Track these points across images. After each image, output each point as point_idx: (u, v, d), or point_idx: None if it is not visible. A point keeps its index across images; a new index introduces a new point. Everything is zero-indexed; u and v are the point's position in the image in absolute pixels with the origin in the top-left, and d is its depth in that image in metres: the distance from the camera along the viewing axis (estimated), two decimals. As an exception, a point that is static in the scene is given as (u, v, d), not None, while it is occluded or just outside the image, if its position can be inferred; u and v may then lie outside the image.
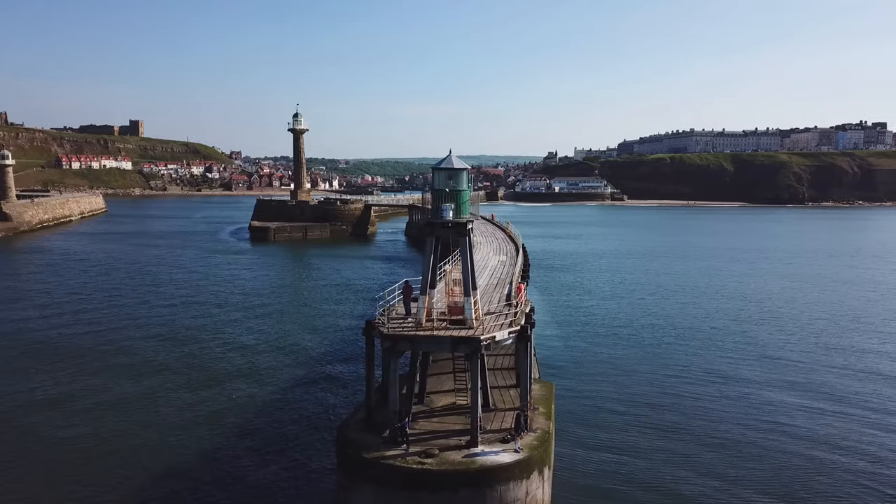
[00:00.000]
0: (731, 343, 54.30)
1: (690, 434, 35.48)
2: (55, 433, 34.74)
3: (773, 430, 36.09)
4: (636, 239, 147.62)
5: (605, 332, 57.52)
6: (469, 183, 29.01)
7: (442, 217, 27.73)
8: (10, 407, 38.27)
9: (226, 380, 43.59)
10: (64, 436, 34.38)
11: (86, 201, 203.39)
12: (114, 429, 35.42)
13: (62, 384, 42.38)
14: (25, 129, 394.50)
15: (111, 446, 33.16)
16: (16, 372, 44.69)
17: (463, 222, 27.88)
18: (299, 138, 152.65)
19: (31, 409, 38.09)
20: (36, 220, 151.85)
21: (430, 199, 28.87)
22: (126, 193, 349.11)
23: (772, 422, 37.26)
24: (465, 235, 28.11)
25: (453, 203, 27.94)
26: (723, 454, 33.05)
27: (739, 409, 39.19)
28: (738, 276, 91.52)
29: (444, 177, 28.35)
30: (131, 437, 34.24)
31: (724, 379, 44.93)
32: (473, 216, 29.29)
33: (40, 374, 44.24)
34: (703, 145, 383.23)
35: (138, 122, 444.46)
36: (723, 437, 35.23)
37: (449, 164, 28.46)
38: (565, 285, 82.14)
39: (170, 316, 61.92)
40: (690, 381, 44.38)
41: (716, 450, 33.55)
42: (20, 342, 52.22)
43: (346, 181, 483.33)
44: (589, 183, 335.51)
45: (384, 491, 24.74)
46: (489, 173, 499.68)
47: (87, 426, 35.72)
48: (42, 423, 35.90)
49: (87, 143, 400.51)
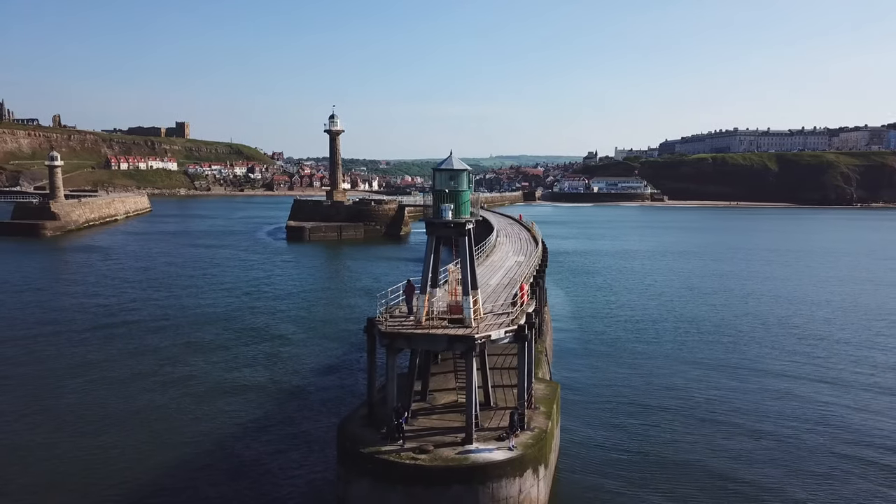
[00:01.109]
0: (756, 349, 52.86)
1: (704, 441, 34.44)
2: (57, 430, 36.21)
3: (787, 439, 35.23)
4: (672, 240, 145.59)
5: (627, 334, 57.11)
6: (470, 184, 29.30)
7: (441, 217, 28.14)
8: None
9: (242, 370, 44.76)
10: (64, 431, 35.77)
11: (131, 201, 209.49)
12: (120, 422, 36.71)
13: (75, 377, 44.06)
14: (77, 131, 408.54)
15: (115, 439, 34.39)
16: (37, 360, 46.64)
17: (462, 222, 28.27)
18: (335, 139, 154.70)
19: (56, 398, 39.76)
20: (83, 219, 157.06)
21: (432, 199, 29.19)
22: (171, 193, 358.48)
23: (786, 432, 36.03)
24: (465, 235, 28.48)
25: (453, 203, 28.28)
26: (736, 463, 32.04)
27: (756, 418, 37.99)
28: (774, 279, 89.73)
29: (446, 177, 28.74)
30: (137, 431, 35.44)
31: (744, 386, 43.69)
32: (474, 215, 29.49)
33: (60, 358, 46.09)
34: (746, 145, 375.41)
35: (184, 124, 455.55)
36: (736, 445, 34.08)
37: (449, 164, 28.83)
38: (594, 286, 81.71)
39: (195, 311, 63.62)
40: (709, 387, 43.38)
41: (728, 458, 32.53)
42: (50, 335, 54.36)
43: (385, 182, 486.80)
44: (628, 183, 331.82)
45: (380, 485, 25.29)
46: (528, 173, 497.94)
47: (89, 420, 37.10)
48: (61, 413, 37.46)
49: (135, 145, 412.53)
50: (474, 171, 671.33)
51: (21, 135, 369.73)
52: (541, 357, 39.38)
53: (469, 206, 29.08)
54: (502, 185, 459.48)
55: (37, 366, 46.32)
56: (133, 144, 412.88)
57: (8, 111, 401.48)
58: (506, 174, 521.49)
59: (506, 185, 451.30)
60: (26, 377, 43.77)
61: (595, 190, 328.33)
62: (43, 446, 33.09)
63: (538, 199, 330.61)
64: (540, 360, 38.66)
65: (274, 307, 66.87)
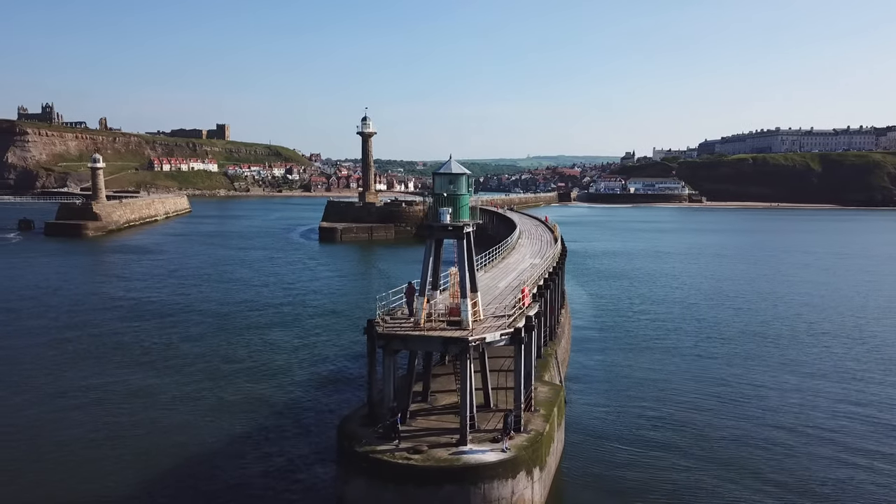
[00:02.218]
0: (781, 358, 51.16)
1: (714, 457, 33.18)
2: (61, 426, 37.55)
3: (807, 455, 34.02)
4: (706, 242, 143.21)
5: (649, 340, 56.37)
6: (469, 188, 29.60)
7: (440, 220, 28.53)
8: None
9: (255, 369, 45.77)
10: (70, 428, 37.08)
11: (171, 202, 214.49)
12: (131, 416, 37.91)
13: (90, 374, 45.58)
14: (122, 133, 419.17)
15: (115, 434, 35.55)
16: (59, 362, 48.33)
17: (460, 225, 28.61)
18: (367, 141, 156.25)
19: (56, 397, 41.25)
20: (123, 219, 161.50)
21: (431, 203, 29.56)
22: (212, 194, 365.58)
23: (808, 448, 34.72)
24: (463, 238, 28.81)
25: (451, 207, 28.63)
26: (746, 484, 31.15)
27: (773, 429, 36.95)
28: (808, 283, 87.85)
29: (445, 181, 29.10)
30: (146, 426, 36.59)
31: (765, 398, 41.98)
32: (473, 219, 29.79)
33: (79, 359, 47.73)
34: (788, 145, 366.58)
35: (224, 126, 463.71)
36: (751, 461, 32.76)
37: (448, 168, 29.20)
38: (620, 289, 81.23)
39: (217, 311, 65.12)
40: (726, 397, 41.98)
41: (737, 474, 31.83)
42: (75, 331, 56.28)
43: (421, 183, 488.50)
44: (666, 184, 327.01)
45: (374, 483, 25.79)
46: (564, 174, 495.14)
47: (95, 412, 38.40)
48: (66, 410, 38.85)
49: (177, 147, 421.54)
50: (510, 171, 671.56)
51: (69, 137, 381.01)
52: (549, 360, 39.51)
53: (468, 210, 29.40)
54: (538, 186, 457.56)
55: (52, 361, 48.08)
56: (175, 146, 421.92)
57: (57, 115, 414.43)
58: (542, 175, 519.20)
59: (541, 186, 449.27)
60: (34, 369, 45.50)
61: (631, 191, 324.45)
62: (55, 436, 34.46)
63: (574, 199, 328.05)
64: (547, 363, 38.81)
65: (296, 308, 68.01)
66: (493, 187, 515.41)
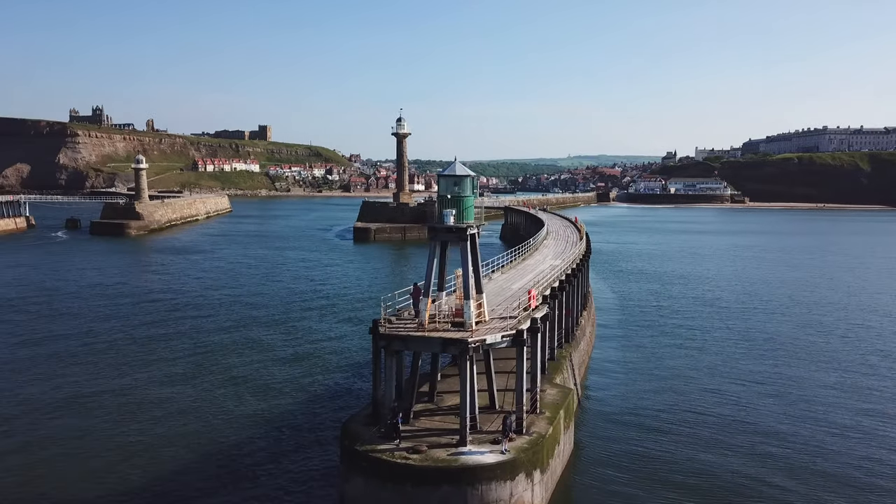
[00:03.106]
0: (808, 367, 49.38)
1: (726, 464, 32.32)
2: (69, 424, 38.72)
3: (832, 474, 32.95)
4: (746, 243, 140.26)
5: (673, 345, 55.12)
6: (474, 189, 29.70)
7: (443, 222, 28.69)
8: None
9: (274, 366, 46.57)
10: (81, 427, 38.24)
11: (212, 202, 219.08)
12: (130, 415, 38.93)
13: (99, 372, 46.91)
14: (168, 134, 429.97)
15: (120, 431, 36.53)
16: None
17: (463, 227, 28.72)
18: (402, 142, 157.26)
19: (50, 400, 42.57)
20: (165, 219, 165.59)
21: (437, 204, 29.72)
22: (253, 194, 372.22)
23: (831, 466, 33.46)
24: (466, 240, 28.91)
25: (455, 209, 28.76)
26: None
27: (794, 448, 35.49)
28: (849, 288, 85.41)
29: (450, 183, 29.26)
30: (151, 423, 37.54)
31: (791, 410, 39.89)
32: (478, 223, 29.86)
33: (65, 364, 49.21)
34: (836, 144, 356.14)
35: (266, 127, 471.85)
36: (766, 479, 31.41)
37: (452, 171, 29.35)
38: (649, 291, 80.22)
39: (242, 309, 66.33)
40: (744, 407, 40.18)
41: (746, 485, 31.20)
42: (98, 325, 58.02)
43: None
44: (707, 184, 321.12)
45: (373, 482, 26.06)
46: (605, 174, 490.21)
47: (95, 411, 39.51)
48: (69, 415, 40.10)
49: (220, 148, 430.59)
50: (550, 171, 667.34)
51: (117, 139, 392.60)
52: (563, 362, 39.31)
53: (472, 212, 29.48)
54: (577, 186, 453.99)
55: (73, 354, 49.68)
56: (219, 147, 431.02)
57: (107, 117, 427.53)
58: (581, 174, 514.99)
59: (581, 186, 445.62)
60: (45, 362, 47.06)
61: (672, 191, 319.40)
62: (53, 431, 35.67)
63: (613, 200, 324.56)
64: (561, 366, 38.62)
65: (321, 307, 68.75)
66: (532, 187, 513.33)
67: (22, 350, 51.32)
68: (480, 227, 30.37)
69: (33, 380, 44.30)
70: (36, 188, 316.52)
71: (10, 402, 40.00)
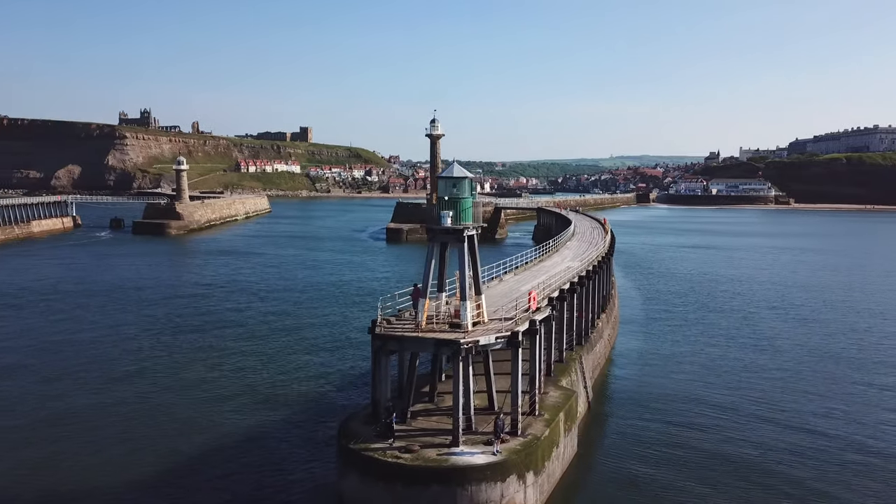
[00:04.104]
0: (838, 379, 47.02)
1: (733, 484, 30.88)
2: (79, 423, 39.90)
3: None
4: (788, 245, 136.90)
5: (695, 352, 53.61)
6: (472, 191, 29.80)
7: (440, 223, 28.87)
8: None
9: (286, 365, 47.38)
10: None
11: (251, 202, 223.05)
12: (133, 414, 39.96)
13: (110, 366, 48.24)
14: (212, 136, 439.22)
15: (123, 431, 37.53)
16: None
17: (460, 228, 28.85)
18: (436, 143, 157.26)
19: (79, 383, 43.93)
20: (204, 219, 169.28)
21: (435, 206, 29.88)
22: (294, 195, 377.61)
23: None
24: (463, 241, 29.03)
25: (452, 210, 28.91)
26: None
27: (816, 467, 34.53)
28: (890, 293, 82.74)
29: (449, 185, 29.41)
30: (164, 416, 38.53)
31: (819, 430, 37.06)
32: (477, 224, 29.93)
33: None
34: (888, 143, 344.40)
35: (307, 129, 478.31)
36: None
37: (450, 173, 29.51)
38: (680, 295, 79.23)
39: (269, 308, 67.53)
40: (764, 424, 38.00)
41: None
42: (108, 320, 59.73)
43: (497, 183, 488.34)
44: (750, 185, 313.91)
45: (366, 480, 26.41)
46: (646, 174, 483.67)
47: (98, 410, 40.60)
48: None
49: (262, 149, 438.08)
50: (591, 171, 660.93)
51: (164, 140, 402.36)
52: (571, 365, 39.07)
53: (470, 213, 29.58)
54: (618, 187, 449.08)
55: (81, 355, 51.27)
56: (261, 148, 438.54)
57: (154, 119, 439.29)
58: (622, 175, 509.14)
59: (621, 187, 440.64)
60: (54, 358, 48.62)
61: (713, 192, 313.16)
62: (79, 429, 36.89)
63: (652, 201, 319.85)
64: (568, 368, 38.38)
65: (343, 307, 69.57)
66: (572, 188, 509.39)
67: (36, 343, 53.29)
68: (479, 229, 30.43)
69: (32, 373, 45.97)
70: (86, 189, 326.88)
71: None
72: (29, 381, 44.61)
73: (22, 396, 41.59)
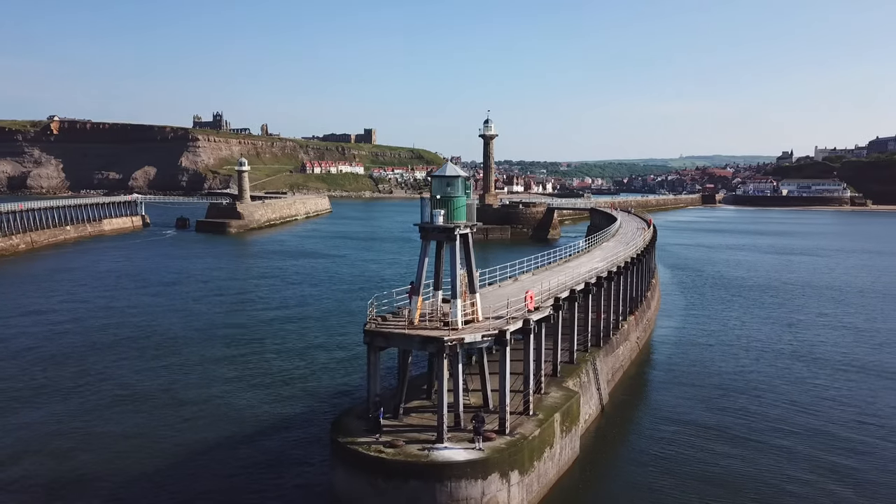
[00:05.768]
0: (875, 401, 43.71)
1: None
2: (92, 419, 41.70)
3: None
4: (855, 246, 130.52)
5: (731, 370, 50.17)
6: (467, 190, 29.87)
7: (432, 222, 29.13)
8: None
9: (304, 362, 48.44)
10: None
11: (311, 202, 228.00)
12: (136, 411, 41.49)
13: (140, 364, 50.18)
14: (280, 138, 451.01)
15: (124, 428, 39.01)
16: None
17: (451, 227, 29.01)
18: (489, 144, 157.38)
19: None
20: (264, 218, 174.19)
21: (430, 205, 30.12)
22: (357, 196, 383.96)
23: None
24: (455, 240, 29.19)
25: (444, 209, 29.10)
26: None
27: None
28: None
29: (442, 184, 29.61)
30: (175, 413, 39.97)
31: (861, 470, 32.93)
32: (470, 223, 30.01)
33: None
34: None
35: (371, 131, 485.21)
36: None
37: (443, 171, 29.70)
38: (726, 305, 76.80)
39: (297, 308, 69.12)
40: (786, 454, 34.20)
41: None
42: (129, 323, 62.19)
43: (560, 184, 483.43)
44: (824, 186, 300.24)
45: (352, 473, 26.96)
46: (714, 174, 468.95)
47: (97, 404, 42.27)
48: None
49: (327, 151, 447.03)
50: (658, 172, 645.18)
51: (233, 143, 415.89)
52: (581, 366, 38.57)
53: (464, 212, 29.70)
54: (685, 187, 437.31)
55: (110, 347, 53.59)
56: (326, 150, 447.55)
57: (226, 122, 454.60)
58: (690, 175, 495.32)
59: (688, 187, 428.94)
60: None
61: (784, 193, 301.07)
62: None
63: (719, 202, 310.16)
64: (577, 370, 37.92)
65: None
66: (637, 188, 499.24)
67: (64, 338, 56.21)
68: (474, 227, 30.47)
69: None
70: (160, 189, 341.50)
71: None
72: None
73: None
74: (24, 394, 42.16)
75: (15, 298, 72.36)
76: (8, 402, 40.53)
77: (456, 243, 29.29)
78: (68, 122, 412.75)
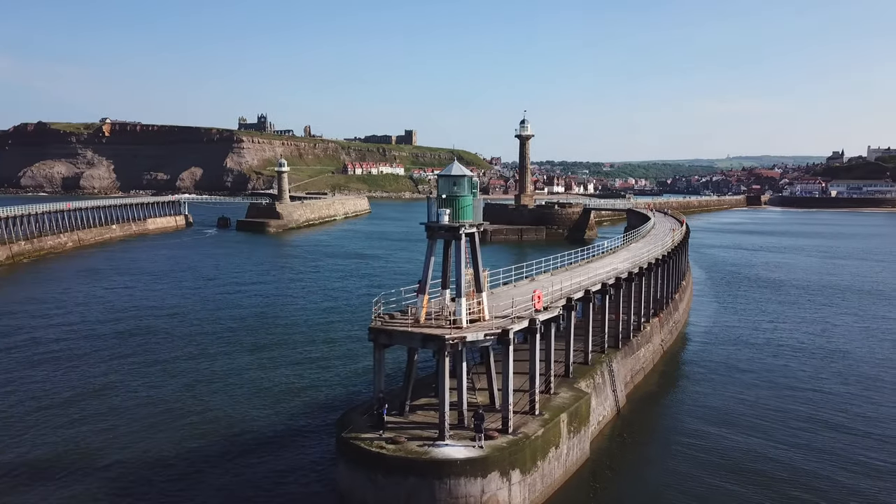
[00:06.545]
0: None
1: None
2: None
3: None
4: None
5: (753, 365, 50.13)
6: (473, 189, 29.98)
7: (438, 221, 29.34)
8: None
9: (319, 357, 49.08)
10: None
11: (350, 203, 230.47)
12: (138, 409, 42.46)
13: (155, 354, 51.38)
14: (322, 139, 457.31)
15: (123, 425, 39.95)
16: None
17: (456, 226, 29.16)
18: (525, 144, 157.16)
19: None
20: (303, 218, 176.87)
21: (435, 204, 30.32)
22: (398, 197, 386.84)
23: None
24: (459, 239, 29.33)
25: (450, 208, 29.27)
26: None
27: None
28: None
29: (449, 183, 29.78)
30: (187, 408, 40.89)
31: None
32: (476, 222, 30.10)
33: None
34: None
35: (412, 132, 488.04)
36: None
37: (449, 171, 29.86)
38: (756, 304, 75.21)
39: (322, 308, 69.95)
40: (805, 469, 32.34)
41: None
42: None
43: (602, 184, 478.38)
44: (876, 187, 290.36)
45: (353, 468, 27.33)
46: (761, 175, 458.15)
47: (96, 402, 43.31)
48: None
49: (368, 152, 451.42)
50: (704, 172, 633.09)
51: (277, 144, 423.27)
52: (595, 367, 38.29)
53: (470, 211, 29.83)
54: (730, 188, 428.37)
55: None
56: (367, 151, 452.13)
57: (270, 124, 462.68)
58: (735, 176, 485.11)
59: (733, 188, 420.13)
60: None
61: (832, 194, 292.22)
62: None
63: (764, 204, 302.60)
64: (591, 371, 37.65)
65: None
66: (681, 189, 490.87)
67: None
68: (481, 227, 30.56)
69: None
70: (206, 189, 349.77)
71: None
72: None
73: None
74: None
75: (50, 293, 75.11)
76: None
77: (461, 242, 29.42)
78: (119, 124, 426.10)
